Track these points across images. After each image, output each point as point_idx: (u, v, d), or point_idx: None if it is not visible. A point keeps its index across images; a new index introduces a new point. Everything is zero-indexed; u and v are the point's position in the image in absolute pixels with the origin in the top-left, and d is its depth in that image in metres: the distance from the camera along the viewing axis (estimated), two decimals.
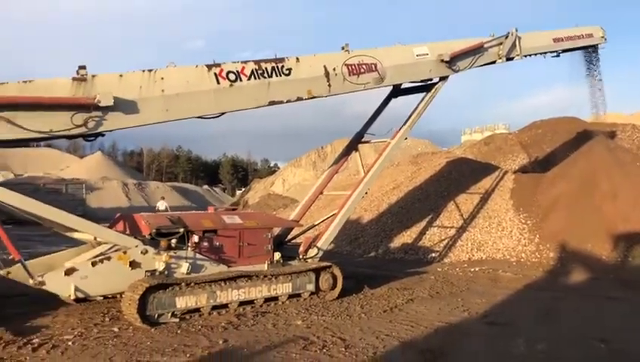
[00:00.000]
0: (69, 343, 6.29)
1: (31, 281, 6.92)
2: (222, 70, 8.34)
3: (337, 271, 9.22)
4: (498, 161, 24.47)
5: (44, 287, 7.04)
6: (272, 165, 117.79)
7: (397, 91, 11.77)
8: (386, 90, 11.77)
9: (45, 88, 6.99)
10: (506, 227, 15.17)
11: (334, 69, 9.51)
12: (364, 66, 9.94)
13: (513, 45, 12.53)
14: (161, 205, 28.67)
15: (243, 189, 67.88)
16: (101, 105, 7.16)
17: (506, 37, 12.38)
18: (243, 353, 6.13)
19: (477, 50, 11.82)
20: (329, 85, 9.49)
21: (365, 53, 10.03)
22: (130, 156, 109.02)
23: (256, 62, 8.73)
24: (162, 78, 7.82)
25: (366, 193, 10.78)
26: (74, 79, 7.18)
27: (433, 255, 14.46)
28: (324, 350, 6.28)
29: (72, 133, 7.24)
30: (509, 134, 32.55)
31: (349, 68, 9.73)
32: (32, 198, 7.15)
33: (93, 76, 7.33)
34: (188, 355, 5.94)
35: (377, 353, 6.25)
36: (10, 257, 6.99)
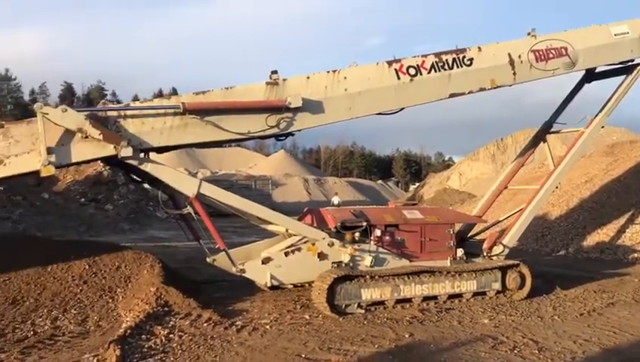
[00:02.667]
0: (267, 327, 6.85)
1: (233, 269, 7.67)
2: (402, 65, 8.38)
3: (525, 270, 8.74)
4: None
5: (244, 274, 7.75)
6: (446, 159, 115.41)
7: (591, 75, 10.74)
8: (578, 75, 10.82)
9: (244, 93, 7.71)
10: None
11: (519, 56, 9.00)
12: (552, 51, 9.25)
13: None
14: (335, 200, 29.78)
15: (417, 184, 67.55)
16: (291, 106, 7.67)
17: None
18: (429, 348, 6.11)
19: None
20: (514, 73, 9.02)
21: (554, 37, 9.33)
22: (309, 153, 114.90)
23: (437, 54, 8.62)
24: (345, 78, 8.11)
25: (556, 187, 10.04)
26: (267, 83, 7.79)
27: (636, 255, 12.96)
28: (515, 351, 6.00)
29: (266, 133, 7.88)
30: None
31: (536, 54, 9.13)
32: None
33: (284, 80, 7.88)
34: (376, 346, 6.10)
35: (576, 358, 5.80)
36: (216, 246, 7.83)
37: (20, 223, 19.92)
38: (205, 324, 6.84)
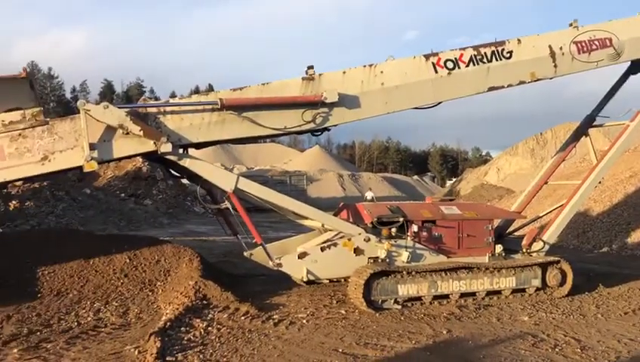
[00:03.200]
0: (304, 321, 6.88)
1: (270, 263, 7.73)
2: (439, 59, 8.27)
3: (566, 267, 8.52)
4: None
5: (281, 269, 7.80)
6: (483, 154, 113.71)
7: (637, 67, 10.38)
8: (623, 67, 10.46)
9: (280, 89, 7.74)
10: None
11: (561, 48, 8.77)
12: (596, 42, 8.97)
13: None
14: (368, 195, 29.74)
15: (454, 179, 66.73)
16: (327, 101, 7.67)
17: None
18: (468, 344, 6.03)
19: None
20: (555, 66, 8.78)
21: (598, 28, 9.04)
22: (344, 149, 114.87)
23: (475, 47, 8.47)
24: (382, 72, 8.05)
25: (599, 182, 9.76)
26: (303, 79, 7.81)
27: None
28: (557, 349, 5.87)
29: (302, 128, 7.89)
30: None
31: (578, 45, 8.87)
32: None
33: (320, 75, 7.88)
34: (413, 342, 6.06)
35: (620, 358, 5.64)
36: (254, 241, 7.90)
37: (63, 217, 20.52)
38: (243, 318, 6.92)
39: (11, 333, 6.40)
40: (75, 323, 6.88)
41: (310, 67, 7.83)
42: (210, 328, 6.45)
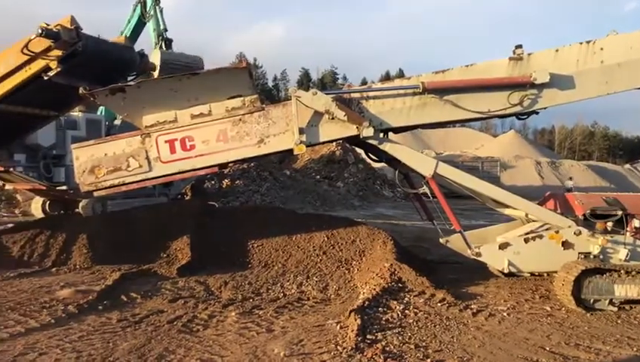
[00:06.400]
0: (504, 314, 6.56)
1: (468, 251, 7.50)
2: None
3: None
4: None
5: (479, 258, 7.52)
6: None
7: None
8: None
9: (484, 70, 7.40)
10: None
11: None
12: None
13: None
14: (568, 184, 27.43)
15: None
16: (537, 82, 7.14)
17: None
18: None
19: None
20: None
21: None
22: (541, 134, 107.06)
23: None
24: (601, 49, 7.25)
25: None
26: (510, 59, 7.36)
27: None
28: None
29: (507, 112, 7.47)
30: None
31: None
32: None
33: (529, 54, 7.36)
34: (635, 349, 5.41)
35: None
36: (450, 227, 7.75)
37: (266, 196, 22.41)
38: (439, 304, 6.84)
39: (229, 298, 7.17)
40: (282, 294, 7.44)
41: (518, 46, 7.35)
42: (407, 311, 6.49)
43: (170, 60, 14.43)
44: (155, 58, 14.21)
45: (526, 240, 7.34)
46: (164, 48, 15.77)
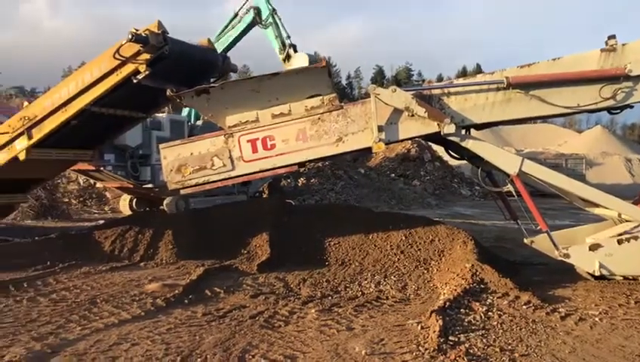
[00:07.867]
0: (596, 319, 6.21)
1: (555, 253, 7.18)
2: None
3: None
4: None
5: (567, 260, 7.19)
6: None
7: None
8: None
9: (573, 63, 7.06)
10: None
11: None
12: None
13: None
14: None
15: None
16: (632, 74, 6.75)
17: None
18: None
19: None
20: None
21: None
22: (631, 129, 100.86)
23: None
24: None
25: None
26: (602, 50, 6.98)
27: None
28: None
29: (598, 106, 7.10)
30: None
31: None
32: None
33: (623, 45, 6.95)
34: None
35: None
36: (536, 227, 7.44)
37: (341, 194, 22.51)
38: (524, 307, 6.58)
39: (308, 295, 7.23)
40: (360, 293, 7.42)
41: (611, 37, 6.95)
42: (490, 313, 6.29)
43: (312, 62, 15.28)
44: (303, 61, 15.61)
45: (619, 242, 6.95)
46: (293, 52, 16.55)
